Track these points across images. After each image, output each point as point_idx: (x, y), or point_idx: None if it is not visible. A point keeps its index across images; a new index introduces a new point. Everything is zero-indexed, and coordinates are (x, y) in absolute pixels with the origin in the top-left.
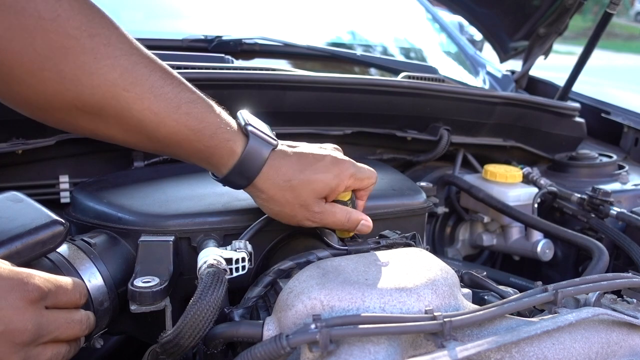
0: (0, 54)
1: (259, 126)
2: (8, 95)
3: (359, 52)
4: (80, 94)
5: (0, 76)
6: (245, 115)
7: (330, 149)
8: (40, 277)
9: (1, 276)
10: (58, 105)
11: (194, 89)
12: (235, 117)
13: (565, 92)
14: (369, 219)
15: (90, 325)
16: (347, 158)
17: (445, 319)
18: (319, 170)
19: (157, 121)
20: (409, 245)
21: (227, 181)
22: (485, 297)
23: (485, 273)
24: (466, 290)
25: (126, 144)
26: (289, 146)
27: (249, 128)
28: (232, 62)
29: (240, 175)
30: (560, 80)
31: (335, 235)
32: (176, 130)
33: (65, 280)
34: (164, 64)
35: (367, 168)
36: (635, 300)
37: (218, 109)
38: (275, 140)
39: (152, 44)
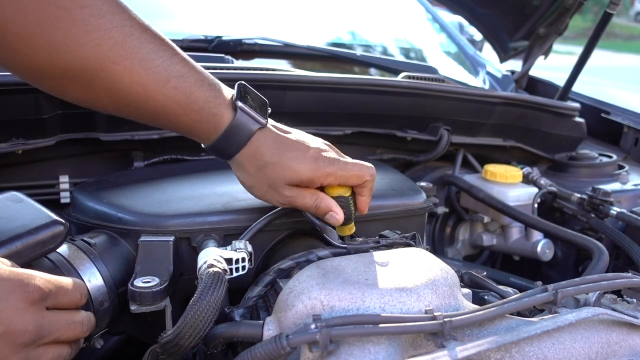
0: None
1: (253, 101)
2: (3, 60)
3: (359, 52)
4: (71, 64)
5: None
6: (241, 88)
7: (318, 143)
8: (41, 278)
9: (2, 277)
10: (49, 73)
11: (187, 59)
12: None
13: (565, 92)
14: (339, 211)
15: (91, 326)
16: (332, 156)
17: (445, 319)
18: (294, 159)
19: (145, 94)
20: (409, 245)
21: (210, 150)
22: (485, 297)
23: (485, 273)
24: (466, 290)
25: (117, 114)
26: (279, 129)
27: (238, 104)
28: (232, 62)
29: (223, 148)
30: (560, 80)
31: (335, 232)
32: (164, 104)
33: (66, 281)
34: (158, 32)
35: (358, 165)
36: (635, 300)
37: (210, 82)
38: (264, 119)
39: None
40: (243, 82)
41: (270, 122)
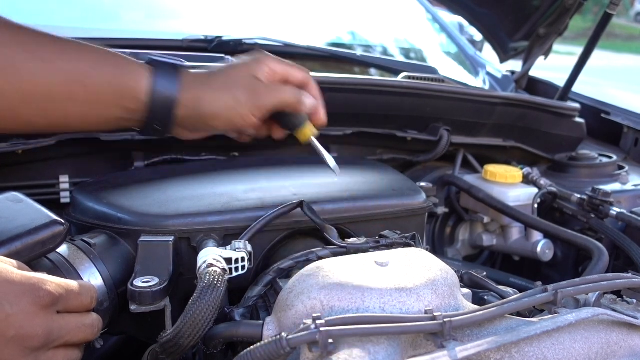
0: None
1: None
2: None
3: (359, 52)
4: None
5: None
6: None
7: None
8: (52, 282)
9: (13, 281)
10: None
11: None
12: None
13: (565, 92)
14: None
15: (100, 327)
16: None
17: (445, 319)
18: (239, 60)
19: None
20: (408, 245)
21: (152, 118)
22: (485, 297)
23: (485, 273)
24: (466, 291)
25: (40, 125)
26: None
27: (151, 58)
28: None
29: (162, 104)
30: (560, 80)
31: (335, 231)
32: (67, 80)
33: (77, 285)
34: (49, 34)
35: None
36: (635, 301)
37: (114, 52)
38: (181, 60)
39: (152, 44)
40: None
41: None
